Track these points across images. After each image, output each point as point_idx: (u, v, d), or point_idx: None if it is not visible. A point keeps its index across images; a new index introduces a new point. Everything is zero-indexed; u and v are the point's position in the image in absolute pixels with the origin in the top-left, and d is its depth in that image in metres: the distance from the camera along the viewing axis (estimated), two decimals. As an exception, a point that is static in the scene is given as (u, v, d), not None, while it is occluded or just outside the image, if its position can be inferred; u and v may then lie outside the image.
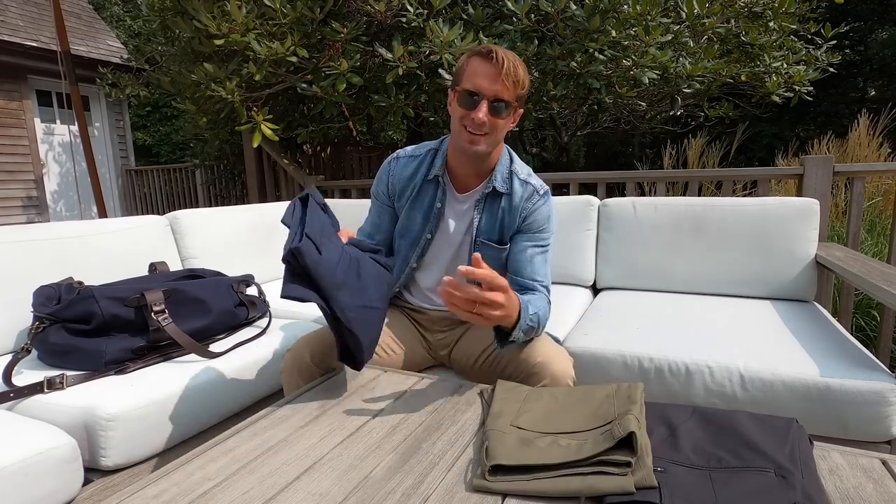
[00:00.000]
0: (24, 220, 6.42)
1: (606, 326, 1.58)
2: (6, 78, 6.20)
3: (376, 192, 1.37)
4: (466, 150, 1.19)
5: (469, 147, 1.17)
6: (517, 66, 1.13)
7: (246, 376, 1.44)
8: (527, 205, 1.27)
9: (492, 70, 1.11)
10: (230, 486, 0.74)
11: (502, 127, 1.17)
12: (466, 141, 1.17)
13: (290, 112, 3.97)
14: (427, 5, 2.75)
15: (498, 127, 1.16)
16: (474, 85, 1.13)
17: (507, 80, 1.11)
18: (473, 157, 1.21)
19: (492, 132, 1.16)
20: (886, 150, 3.70)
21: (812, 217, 1.80)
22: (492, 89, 1.12)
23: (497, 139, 1.19)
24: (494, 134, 1.16)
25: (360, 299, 1.03)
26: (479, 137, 1.16)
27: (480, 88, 1.12)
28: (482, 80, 1.12)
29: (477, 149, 1.17)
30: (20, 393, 1.18)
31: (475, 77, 1.13)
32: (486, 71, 1.12)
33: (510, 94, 1.13)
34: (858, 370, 1.22)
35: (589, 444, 0.75)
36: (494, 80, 1.11)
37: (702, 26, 2.90)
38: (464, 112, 1.15)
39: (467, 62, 1.16)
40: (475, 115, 1.13)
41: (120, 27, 10.03)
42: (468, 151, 1.19)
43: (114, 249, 1.71)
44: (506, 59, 1.11)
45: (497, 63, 1.10)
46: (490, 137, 1.16)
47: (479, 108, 1.12)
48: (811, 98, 3.45)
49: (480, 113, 1.12)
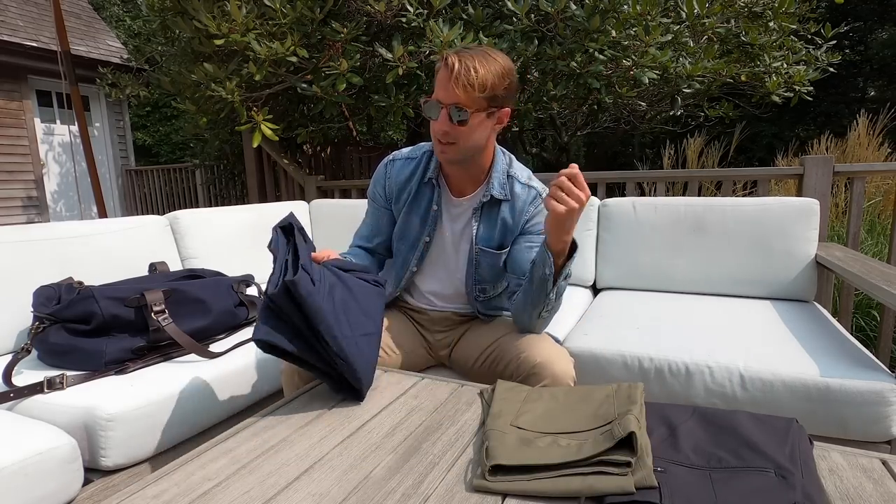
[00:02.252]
0: (24, 220, 6.42)
1: (606, 326, 1.58)
2: (6, 78, 6.20)
3: (373, 195, 1.36)
4: (440, 159, 1.20)
5: (440, 156, 1.18)
6: (473, 68, 1.07)
7: (246, 376, 1.44)
8: (530, 208, 1.27)
9: (446, 77, 1.09)
10: (230, 486, 0.74)
11: (469, 133, 1.13)
12: (437, 151, 1.18)
13: (290, 112, 3.97)
14: (427, 5, 2.74)
15: (463, 134, 1.13)
16: (435, 94, 1.12)
17: (457, 86, 1.07)
18: (448, 165, 1.22)
19: (459, 140, 1.13)
20: (886, 150, 3.71)
21: (812, 217, 1.80)
22: (447, 97, 1.10)
23: (469, 146, 1.16)
24: (462, 141, 1.14)
25: (359, 328, 1.00)
26: (446, 146, 1.15)
27: (438, 97, 1.11)
28: (439, 89, 1.11)
29: (446, 157, 1.17)
30: (20, 393, 1.18)
31: (437, 86, 1.12)
32: (442, 78, 1.10)
33: (466, 98, 1.09)
34: (858, 370, 1.22)
35: (589, 444, 0.75)
36: (448, 87, 1.09)
37: (702, 26, 2.90)
38: (432, 123, 1.14)
39: (436, 70, 1.14)
40: (435, 125, 1.13)
41: (120, 27, 10.03)
42: (441, 160, 1.20)
43: (114, 249, 1.71)
44: (456, 64, 1.07)
45: (449, 68, 1.08)
46: (458, 146, 1.14)
47: (439, 118, 1.11)
48: (811, 98, 3.45)
49: (438, 123, 1.12)
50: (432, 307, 1.40)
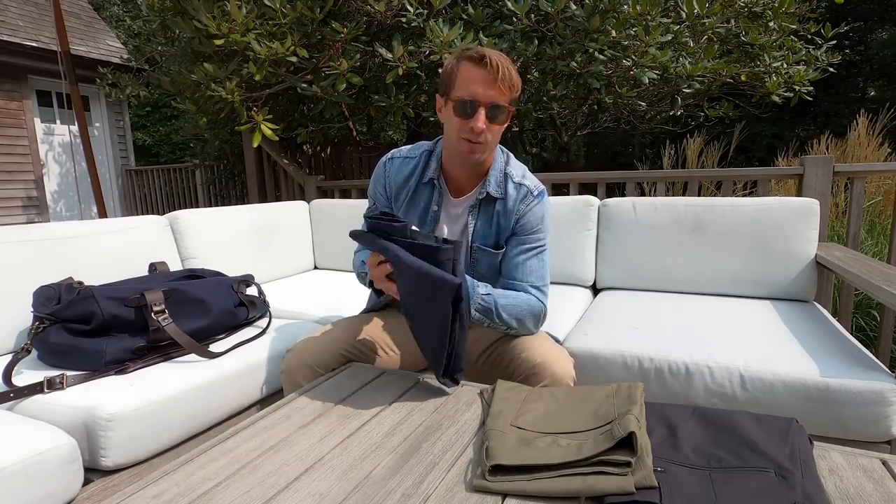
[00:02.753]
0: (24, 220, 6.42)
1: (606, 326, 1.58)
2: (6, 78, 6.20)
3: (374, 195, 1.35)
4: (466, 160, 1.18)
5: (469, 157, 1.16)
6: (510, 69, 1.10)
7: (246, 376, 1.44)
8: (521, 206, 1.25)
9: (487, 76, 1.08)
10: (230, 486, 0.74)
11: (499, 132, 1.16)
12: (466, 151, 1.15)
13: (290, 112, 3.97)
14: (427, 5, 2.74)
15: (495, 133, 1.15)
16: (470, 93, 1.10)
17: (503, 86, 1.08)
18: (472, 165, 1.21)
19: (490, 138, 1.14)
20: (886, 150, 3.70)
21: (812, 217, 1.80)
22: (488, 96, 1.09)
23: (494, 144, 1.18)
24: (493, 139, 1.16)
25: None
26: (478, 146, 1.14)
27: (477, 96, 1.09)
28: (478, 87, 1.09)
29: (476, 157, 1.16)
30: (20, 393, 1.18)
31: (470, 84, 1.10)
32: (481, 77, 1.09)
33: (506, 98, 1.11)
34: (858, 370, 1.22)
35: (589, 444, 0.75)
36: (490, 86, 1.08)
37: (702, 26, 2.90)
38: (461, 122, 1.12)
39: (458, 67, 1.12)
40: (474, 125, 1.10)
41: (120, 27, 10.03)
42: (468, 161, 1.17)
43: (114, 249, 1.71)
44: (500, 64, 1.08)
45: (492, 69, 1.08)
46: (488, 144, 1.15)
47: (478, 118, 1.10)
48: (811, 98, 3.45)
49: (479, 122, 1.10)
50: (432, 307, 1.40)
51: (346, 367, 1.20)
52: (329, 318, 1.80)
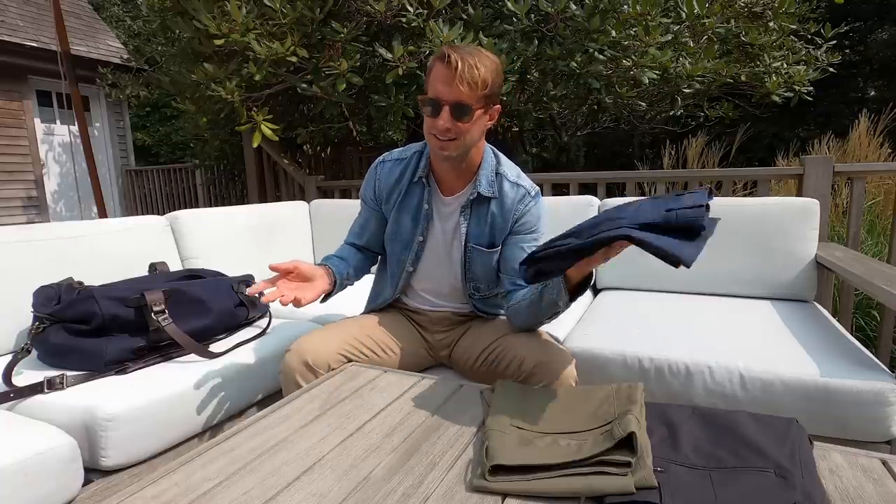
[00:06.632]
0: (24, 220, 6.42)
1: (606, 326, 1.58)
2: (6, 78, 6.20)
3: (364, 197, 1.38)
4: (438, 156, 1.20)
5: (440, 153, 1.18)
6: (475, 66, 1.09)
7: (246, 376, 1.44)
8: (519, 206, 1.26)
9: (448, 74, 1.09)
10: (230, 486, 0.74)
11: (469, 130, 1.15)
12: (437, 147, 1.17)
13: (290, 112, 3.96)
14: (427, 5, 2.74)
15: (464, 131, 1.14)
16: (435, 91, 1.12)
17: (461, 84, 1.08)
18: (446, 161, 1.22)
19: (459, 136, 1.15)
20: (887, 150, 3.70)
21: (812, 217, 1.80)
22: (451, 94, 1.10)
23: (468, 142, 1.17)
24: (463, 137, 1.15)
25: None
26: (446, 143, 1.15)
27: (440, 94, 1.11)
28: (441, 86, 1.11)
29: (446, 154, 1.17)
30: (20, 393, 1.18)
31: (436, 83, 1.12)
32: (444, 76, 1.10)
33: (471, 97, 1.10)
34: (858, 370, 1.22)
35: (589, 444, 0.75)
36: (451, 84, 1.09)
37: (702, 26, 2.90)
38: (429, 120, 1.14)
39: (431, 67, 1.14)
40: (437, 123, 1.12)
41: (120, 27, 10.03)
42: (439, 157, 1.20)
43: (114, 249, 1.71)
44: (460, 62, 1.07)
45: (451, 66, 1.08)
46: (459, 141, 1.15)
47: (441, 115, 1.11)
48: (811, 98, 3.45)
49: (441, 120, 1.11)
50: (430, 307, 1.40)
51: (346, 367, 1.20)
52: (329, 318, 1.80)
